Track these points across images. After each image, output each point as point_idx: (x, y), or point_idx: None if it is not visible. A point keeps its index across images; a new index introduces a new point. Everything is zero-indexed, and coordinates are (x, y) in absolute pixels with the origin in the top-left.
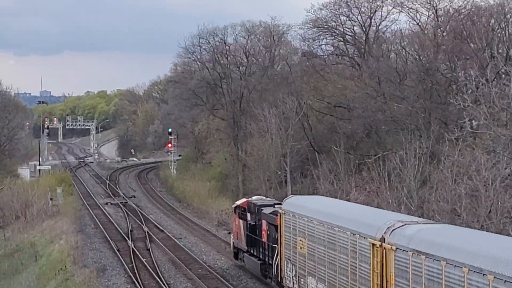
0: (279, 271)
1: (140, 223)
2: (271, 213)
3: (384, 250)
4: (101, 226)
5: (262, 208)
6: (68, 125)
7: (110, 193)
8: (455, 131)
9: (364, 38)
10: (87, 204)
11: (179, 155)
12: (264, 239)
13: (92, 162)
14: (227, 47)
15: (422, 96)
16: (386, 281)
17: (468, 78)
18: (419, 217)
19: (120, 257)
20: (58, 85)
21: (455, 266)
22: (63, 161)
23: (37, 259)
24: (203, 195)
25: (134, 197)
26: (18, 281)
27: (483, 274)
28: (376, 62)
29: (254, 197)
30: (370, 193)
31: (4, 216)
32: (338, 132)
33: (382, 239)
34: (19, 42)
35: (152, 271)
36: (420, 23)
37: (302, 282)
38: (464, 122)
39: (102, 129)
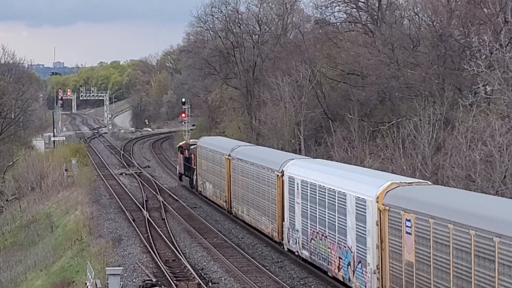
0: (195, 182)
1: (155, 193)
2: (194, 148)
3: (229, 160)
4: (116, 197)
5: (191, 146)
6: (81, 96)
7: (125, 164)
8: (469, 97)
9: (377, 5)
10: (101, 174)
11: (193, 125)
12: (192, 165)
13: (106, 133)
14: (239, 16)
15: (436, 62)
16: (230, 176)
17: (482, 44)
18: (434, 183)
19: (136, 227)
20: (71, 56)
21: (252, 164)
22: (77, 132)
23: (53, 230)
24: None
25: (149, 167)
26: (35, 252)
27: (260, 167)
28: (389, 28)
29: (190, 140)
30: (384, 160)
31: (20, 188)
32: (351, 99)
33: (229, 155)
34: (32, 13)
35: (167, 241)
36: None
37: (204, 186)
38: (478, 87)
39: (115, 100)
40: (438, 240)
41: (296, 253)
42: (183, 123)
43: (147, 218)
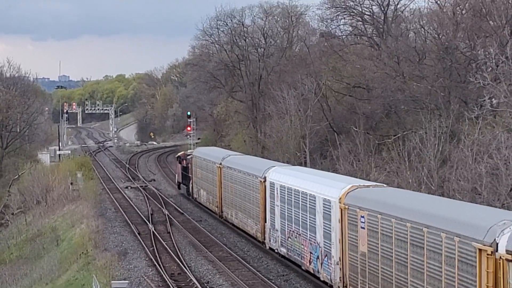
0: (191, 190)
1: (160, 206)
2: (191, 158)
3: (220, 168)
4: (121, 210)
5: (188, 156)
6: (87, 109)
7: (130, 177)
8: (475, 109)
9: (382, 18)
10: (107, 188)
11: (198, 138)
12: (189, 174)
13: (111, 146)
14: (245, 29)
15: (442, 75)
16: (221, 183)
17: (487, 56)
18: (440, 195)
19: (141, 241)
20: (76, 69)
21: (239, 172)
22: (83, 145)
23: (58, 243)
24: None
25: (154, 180)
26: (40, 265)
27: (246, 174)
28: (394, 41)
29: (188, 151)
30: (390, 173)
31: (25, 201)
32: (357, 112)
33: (220, 163)
34: (36, 27)
35: (173, 254)
36: (438, 1)
37: (199, 193)
38: (484, 100)
39: (121, 113)
40: (384, 232)
41: (276, 251)
42: (188, 136)
43: (153, 231)
